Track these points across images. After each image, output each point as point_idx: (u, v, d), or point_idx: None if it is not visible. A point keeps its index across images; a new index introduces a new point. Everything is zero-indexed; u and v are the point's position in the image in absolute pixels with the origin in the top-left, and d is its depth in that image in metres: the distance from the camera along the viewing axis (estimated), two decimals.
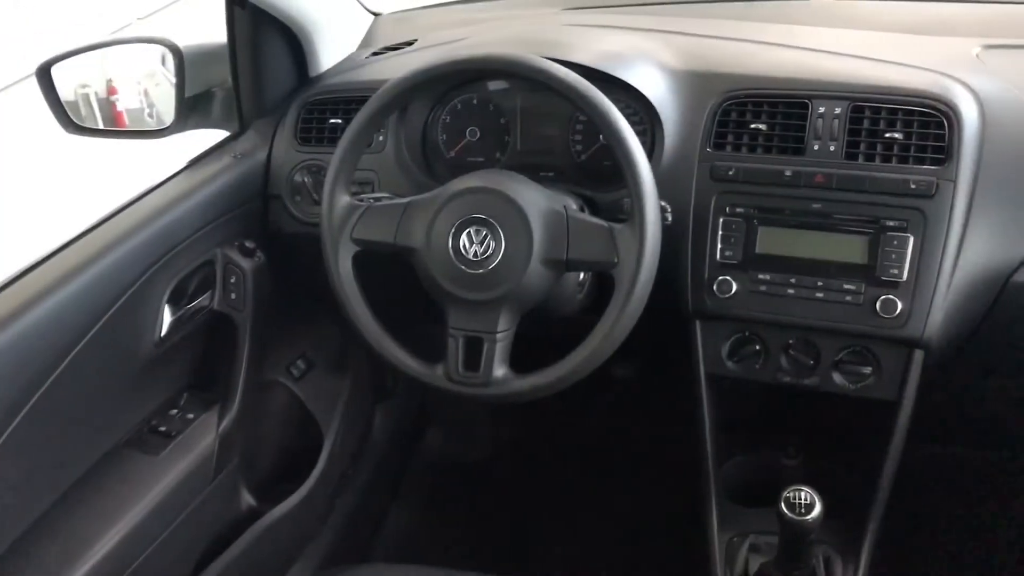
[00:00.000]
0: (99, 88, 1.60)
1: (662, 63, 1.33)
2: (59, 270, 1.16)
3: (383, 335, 1.16)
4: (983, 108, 1.18)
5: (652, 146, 1.27)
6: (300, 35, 1.53)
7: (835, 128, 1.19)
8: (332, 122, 1.45)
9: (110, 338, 1.21)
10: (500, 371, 1.10)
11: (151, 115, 1.60)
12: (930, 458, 1.70)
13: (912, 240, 1.14)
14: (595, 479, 2.01)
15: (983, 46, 1.35)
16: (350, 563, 1.23)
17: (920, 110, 1.16)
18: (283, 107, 1.51)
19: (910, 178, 1.14)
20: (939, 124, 1.15)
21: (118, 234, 1.24)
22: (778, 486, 1.09)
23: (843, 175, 1.17)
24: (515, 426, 2.12)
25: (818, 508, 1.06)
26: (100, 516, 1.24)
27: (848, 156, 1.18)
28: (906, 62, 1.26)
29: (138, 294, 1.25)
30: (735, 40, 1.40)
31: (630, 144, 1.06)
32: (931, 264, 1.14)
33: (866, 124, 1.18)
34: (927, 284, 1.14)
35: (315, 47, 1.56)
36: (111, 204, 1.32)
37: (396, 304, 1.23)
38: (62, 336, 1.14)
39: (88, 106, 1.55)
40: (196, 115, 1.51)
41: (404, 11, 1.85)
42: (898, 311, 1.14)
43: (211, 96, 1.53)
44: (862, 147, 1.18)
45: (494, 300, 1.09)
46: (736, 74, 1.27)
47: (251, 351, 1.45)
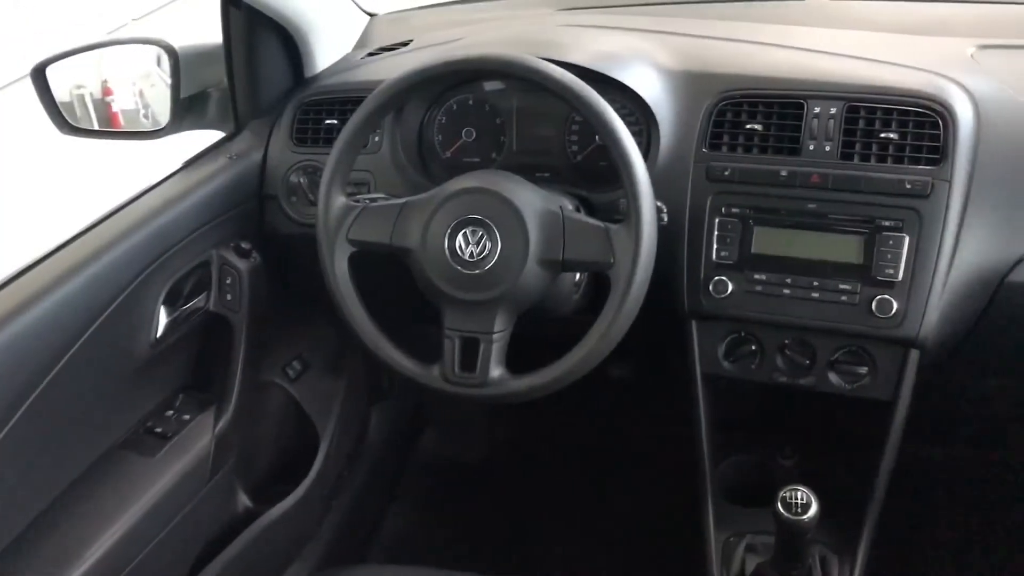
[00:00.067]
0: (94, 89, 1.59)
1: (658, 63, 1.33)
2: (55, 271, 1.16)
3: (379, 336, 1.15)
4: (978, 108, 1.19)
5: (648, 146, 1.27)
6: (295, 36, 1.53)
7: (830, 128, 1.19)
8: (328, 123, 1.45)
9: (106, 339, 1.21)
10: (496, 372, 1.10)
11: (146, 116, 1.59)
12: (926, 458, 1.70)
13: (907, 240, 1.14)
14: (592, 479, 2.01)
15: (978, 46, 1.35)
16: (347, 564, 1.23)
17: (915, 110, 1.16)
18: (279, 108, 1.51)
19: (905, 178, 1.14)
20: (934, 124, 1.16)
21: (114, 235, 1.24)
22: (774, 486, 1.09)
23: (839, 175, 1.17)
24: (512, 427, 2.12)
25: (814, 508, 1.05)
26: (96, 518, 1.24)
27: (843, 156, 1.18)
28: (901, 62, 1.27)
29: (134, 295, 1.25)
30: (731, 40, 1.40)
31: (626, 144, 1.06)
32: (926, 264, 1.14)
33: (861, 124, 1.19)
34: (923, 284, 1.14)
35: (311, 48, 1.56)
36: (109, 203, 1.32)
37: (392, 305, 1.23)
38: (58, 337, 1.14)
39: (83, 107, 1.55)
40: (192, 116, 1.51)
41: (399, 12, 1.84)
42: (894, 311, 1.14)
43: (207, 97, 1.53)
44: (857, 147, 1.18)
45: (490, 301, 1.09)
46: (732, 74, 1.27)
47: (247, 352, 1.45)
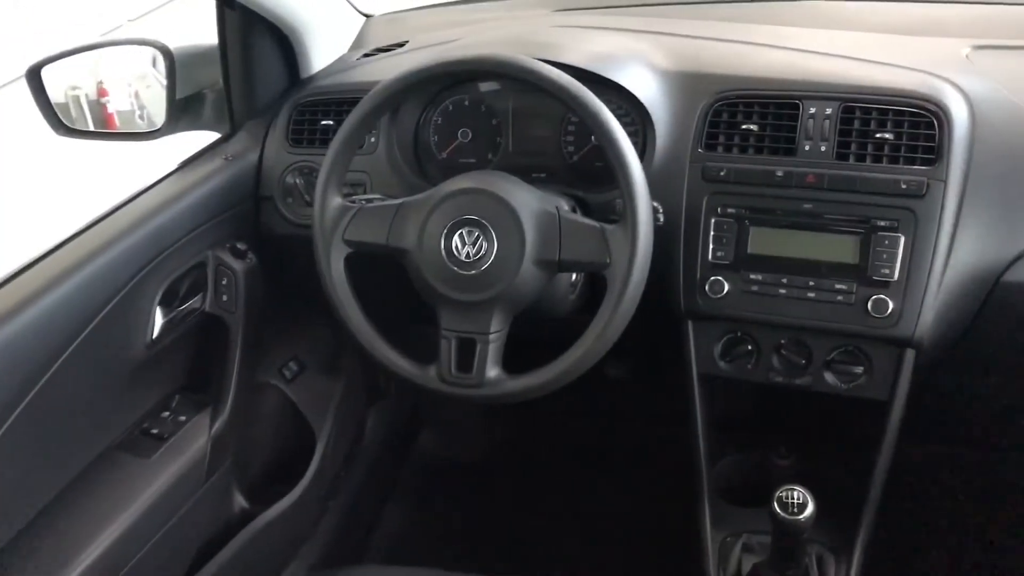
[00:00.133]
0: (90, 90, 1.59)
1: (653, 64, 1.33)
2: (50, 272, 1.16)
3: (375, 337, 1.15)
4: (973, 108, 1.19)
5: (644, 147, 1.27)
6: (291, 36, 1.53)
7: (826, 128, 1.19)
8: (324, 123, 1.45)
9: (102, 340, 1.20)
10: (493, 372, 1.10)
11: (142, 117, 1.59)
12: (922, 457, 1.70)
13: (903, 240, 1.14)
14: (588, 479, 2.01)
15: (973, 47, 1.36)
16: (344, 564, 1.23)
17: (910, 110, 1.17)
18: (274, 109, 1.51)
19: (901, 178, 1.15)
20: (929, 124, 1.16)
21: (109, 236, 1.24)
22: (771, 486, 1.09)
23: (834, 175, 1.18)
24: (508, 427, 2.12)
25: (811, 507, 1.06)
26: (92, 519, 1.24)
27: (839, 156, 1.18)
28: (896, 62, 1.27)
29: (129, 296, 1.25)
30: (726, 41, 1.41)
31: (622, 145, 1.06)
32: (922, 264, 1.14)
33: (857, 124, 1.19)
34: (918, 284, 1.14)
35: (306, 48, 1.56)
36: (107, 202, 1.32)
37: (389, 305, 1.23)
38: (54, 338, 1.14)
39: (79, 108, 1.54)
40: (187, 117, 1.51)
41: (395, 12, 1.84)
42: (889, 311, 1.14)
43: (202, 98, 1.53)
44: (853, 147, 1.18)
45: (487, 301, 1.09)
46: (727, 75, 1.27)
47: (243, 353, 1.45)
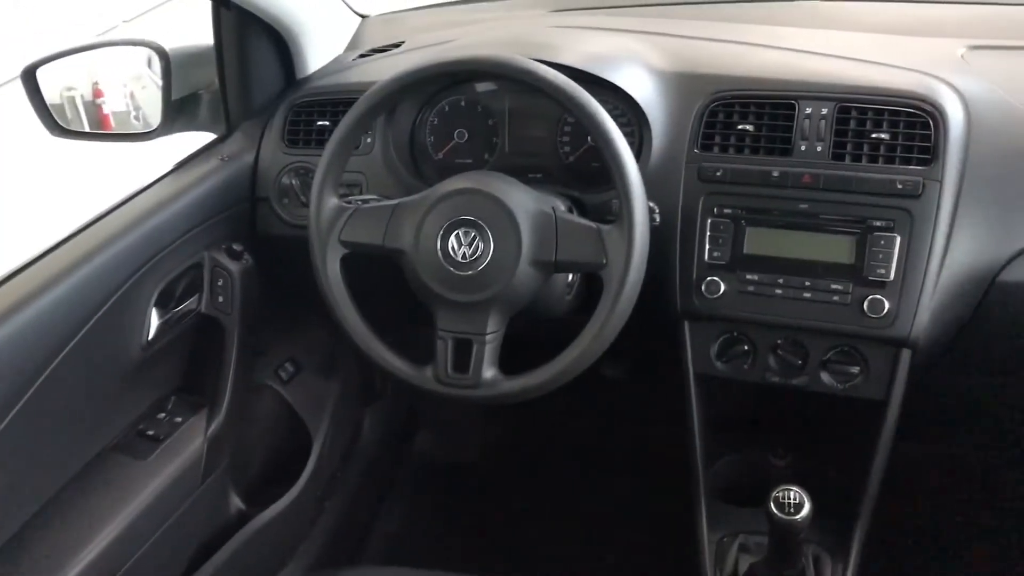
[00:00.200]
0: (85, 91, 1.59)
1: (649, 64, 1.33)
2: (45, 274, 1.15)
3: (371, 337, 1.15)
4: (968, 108, 1.19)
5: (640, 147, 1.27)
6: (287, 37, 1.53)
7: (822, 128, 1.19)
8: (320, 124, 1.45)
9: (97, 342, 1.20)
10: (489, 373, 1.10)
11: (137, 118, 1.59)
12: (918, 457, 1.70)
13: (899, 240, 1.14)
14: (585, 480, 2.01)
15: (968, 47, 1.36)
16: (340, 565, 1.23)
17: (906, 110, 1.17)
18: (270, 109, 1.51)
19: (896, 178, 1.15)
20: (925, 124, 1.16)
21: (105, 237, 1.23)
22: (767, 486, 1.09)
23: (830, 175, 1.18)
24: (505, 428, 2.12)
25: (807, 508, 1.06)
26: (88, 521, 1.23)
27: (835, 156, 1.19)
28: (892, 63, 1.27)
29: (125, 298, 1.24)
30: (722, 41, 1.41)
31: (618, 145, 1.06)
32: (918, 264, 1.14)
33: (852, 124, 1.19)
34: (914, 284, 1.14)
35: (302, 49, 1.56)
36: (104, 203, 1.32)
37: (385, 306, 1.23)
38: (49, 340, 1.13)
39: (74, 109, 1.54)
40: (183, 117, 1.50)
41: (391, 13, 1.84)
42: (885, 311, 1.15)
43: (198, 98, 1.52)
44: (849, 147, 1.18)
45: (483, 302, 1.09)
46: (723, 75, 1.28)
47: (239, 354, 1.44)
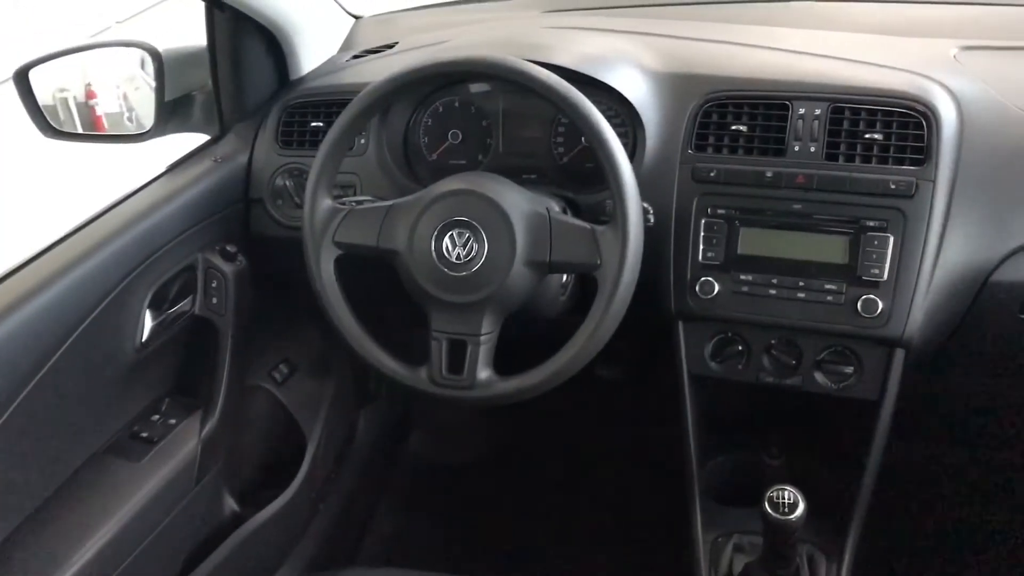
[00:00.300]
0: (78, 92, 1.59)
1: (643, 65, 1.33)
2: (38, 276, 1.15)
3: (366, 338, 1.15)
4: (961, 109, 1.19)
5: (634, 148, 1.28)
6: (280, 38, 1.52)
7: (815, 129, 1.19)
8: (313, 125, 1.45)
9: (90, 344, 1.20)
10: (484, 373, 1.10)
11: (130, 119, 1.59)
12: (912, 457, 1.71)
13: (892, 240, 1.15)
14: (580, 480, 2.01)
15: (961, 47, 1.36)
16: (335, 567, 1.22)
17: (899, 111, 1.17)
18: (264, 110, 1.51)
19: (890, 178, 1.15)
20: (918, 125, 1.16)
21: (97, 239, 1.23)
22: (762, 486, 1.09)
23: (823, 176, 1.18)
24: (500, 428, 2.12)
25: (801, 507, 1.06)
26: (82, 523, 1.23)
27: (828, 157, 1.19)
28: (885, 63, 1.27)
29: (118, 299, 1.24)
30: (715, 42, 1.41)
31: (612, 146, 1.06)
32: (911, 264, 1.14)
33: (846, 125, 1.19)
34: (907, 284, 1.14)
35: (295, 50, 1.56)
36: (99, 203, 1.31)
37: (379, 308, 1.23)
38: (42, 342, 1.13)
39: (67, 110, 1.54)
40: (176, 119, 1.50)
41: (385, 14, 1.84)
42: (879, 311, 1.15)
43: (191, 100, 1.52)
44: (842, 148, 1.19)
45: (477, 302, 1.09)
46: (716, 76, 1.28)
47: (233, 356, 1.44)
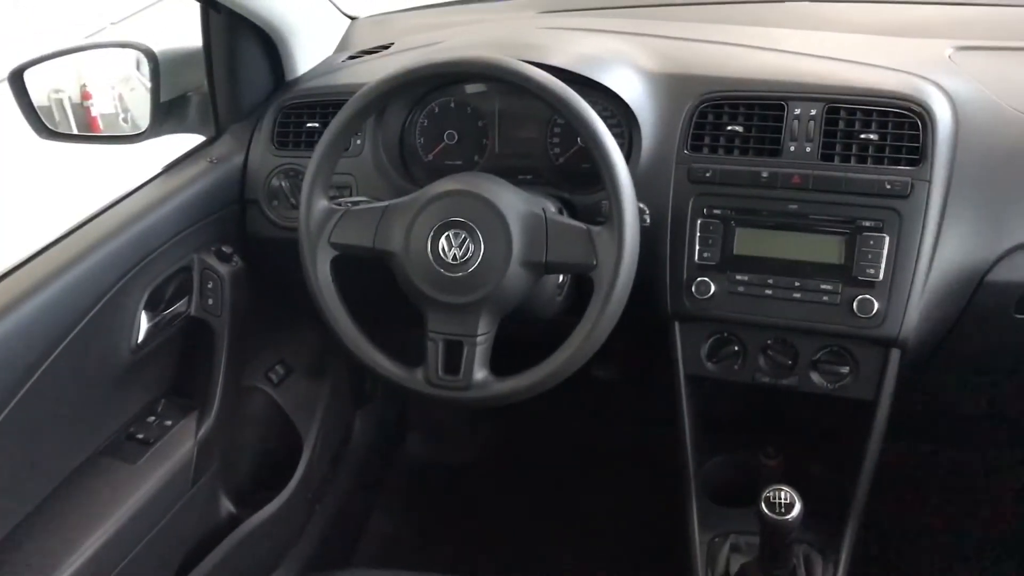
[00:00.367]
0: (73, 93, 1.58)
1: (639, 65, 1.33)
2: (33, 277, 1.15)
3: (362, 340, 1.15)
4: (956, 109, 1.20)
5: (629, 148, 1.28)
6: (276, 39, 1.52)
7: (811, 129, 1.19)
8: (309, 126, 1.44)
9: (86, 346, 1.20)
10: (480, 374, 1.10)
11: (126, 120, 1.58)
12: (908, 456, 1.71)
13: (888, 240, 1.15)
14: (576, 481, 2.01)
15: (956, 48, 1.36)
16: (331, 568, 1.23)
17: (894, 111, 1.17)
18: (259, 111, 1.50)
19: (885, 179, 1.15)
20: (913, 125, 1.16)
21: (93, 240, 1.23)
22: (758, 486, 1.09)
23: (819, 176, 1.18)
24: (496, 429, 2.12)
25: (798, 507, 1.06)
26: (77, 525, 1.23)
27: (824, 157, 1.19)
28: (880, 63, 1.27)
29: (114, 301, 1.24)
30: (711, 42, 1.41)
31: (608, 146, 1.06)
32: (907, 264, 1.14)
33: (841, 125, 1.19)
34: (903, 284, 1.15)
35: (291, 51, 1.55)
36: (95, 204, 1.31)
37: (375, 309, 1.22)
38: (37, 344, 1.13)
39: (62, 111, 1.53)
40: (171, 120, 1.50)
41: (380, 15, 1.84)
42: (875, 311, 1.15)
43: (186, 101, 1.52)
44: (838, 148, 1.19)
45: (473, 303, 1.09)
46: (712, 76, 1.28)
47: (229, 357, 1.44)
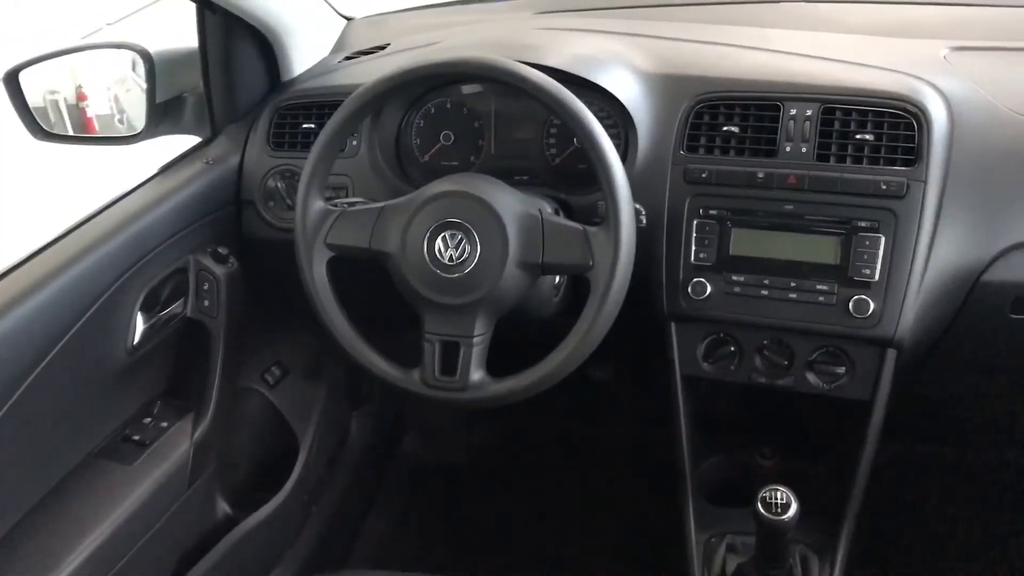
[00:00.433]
0: (68, 94, 1.58)
1: (635, 66, 1.33)
2: (29, 278, 1.15)
3: (358, 341, 1.15)
4: (951, 109, 1.20)
5: (625, 149, 1.28)
6: (272, 40, 1.52)
7: (806, 130, 1.20)
8: (305, 127, 1.44)
9: (82, 347, 1.19)
10: (477, 375, 1.10)
11: (121, 121, 1.59)
12: (904, 456, 1.71)
13: (883, 240, 1.15)
14: (573, 481, 2.01)
15: (951, 48, 1.37)
16: (328, 570, 1.22)
17: (890, 111, 1.17)
18: (255, 112, 1.50)
19: (881, 179, 1.15)
20: (908, 125, 1.16)
21: (89, 241, 1.23)
22: (754, 486, 1.09)
23: (815, 176, 1.18)
24: (493, 430, 2.12)
25: (794, 507, 1.06)
26: (73, 527, 1.22)
27: (820, 158, 1.19)
28: (876, 64, 1.28)
29: (110, 302, 1.24)
30: (707, 43, 1.41)
31: (604, 147, 1.06)
32: (902, 264, 1.15)
33: (837, 126, 1.19)
34: (899, 284, 1.15)
35: (287, 52, 1.55)
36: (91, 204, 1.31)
37: (372, 310, 1.22)
38: (33, 345, 1.13)
39: (57, 112, 1.54)
40: (167, 121, 1.49)
41: (376, 15, 1.84)
42: (870, 311, 1.15)
43: (182, 101, 1.51)
44: (833, 148, 1.19)
45: (470, 304, 1.09)
46: (708, 77, 1.28)
47: (225, 358, 1.44)
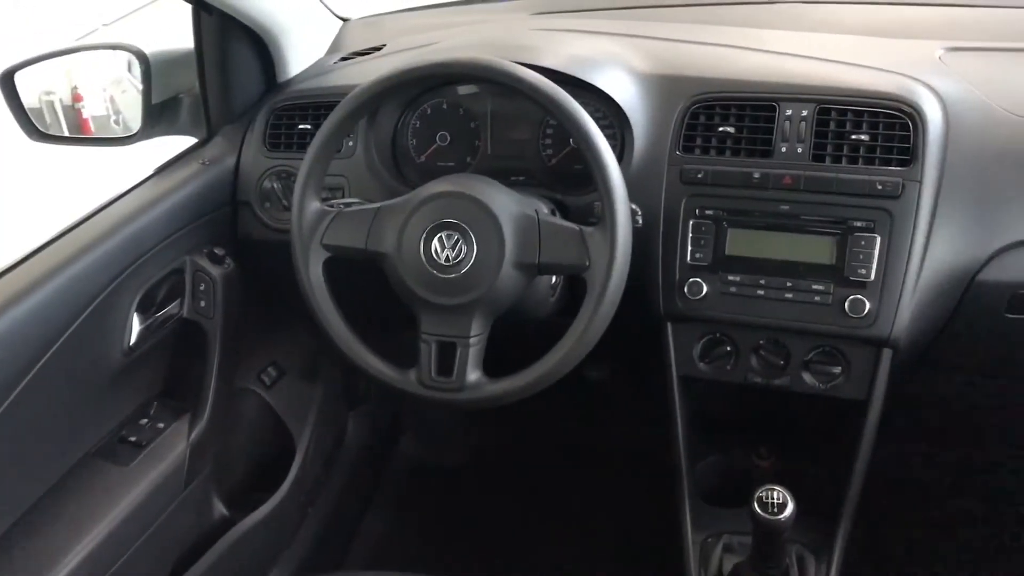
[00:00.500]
0: (64, 95, 1.58)
1: (631, 67, 1.33)
2: (25, 279, 1.14)
3: (355, 341, 1.15)
4: (947, 110, 1.20)
5: (622, 149, 1.28)
6: (268, 40, 1.52)
7: (802, 130, 1.20)
8: (301, 128, 1.44)
9: (78, 348, 1.19)
10: (473, 376, 1.10)
11: (117, 122, 1.59)
12: (900, 456, 1.72)
13: (879, 240, 1.15)
14: (569, 482, 2.01)
15: (946, 48, 1.37)
16: (325, 570, 1.22)
17: (885, 112, 1.18)
18: (251, 113, 1.50)
19: (876, 179, 1.15)
20: (904, 126, 1.17)
21: (85, 242, 1.23)
22: (751, 486, 1.10)
23: (810, 177, 1.18)
24: (490, 430, 2.12)
25: (790, 507, 1.06)
26: (69, 528, 1.22)
27: (815, 158, 1.19)
28: (871, 64, 1.28)
29: (106, 303, 1.24)
30: (703, 44, 1.41)
31: (600, 147, 1.06)
32: (898, 264, 1.15)
33: (832, 126, 1.19)
34: (894, 284, 1.15)
35: (283, 52, 1.55)
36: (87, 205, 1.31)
37: (368, 310, 1.22)
38: (29, 346, 1.12)
39: (53, 113, 1.53)
40: (163, 122, 1.49)
41: (372, 16, 1.84)
42: (866, 311, 1.15)
43: (178, 102, 1.52)
44: (829, 149, 1.19)
45: (466, 305, 1.09)
46: (704, 77, 1.28)
47: (221, 359, 1.44)
